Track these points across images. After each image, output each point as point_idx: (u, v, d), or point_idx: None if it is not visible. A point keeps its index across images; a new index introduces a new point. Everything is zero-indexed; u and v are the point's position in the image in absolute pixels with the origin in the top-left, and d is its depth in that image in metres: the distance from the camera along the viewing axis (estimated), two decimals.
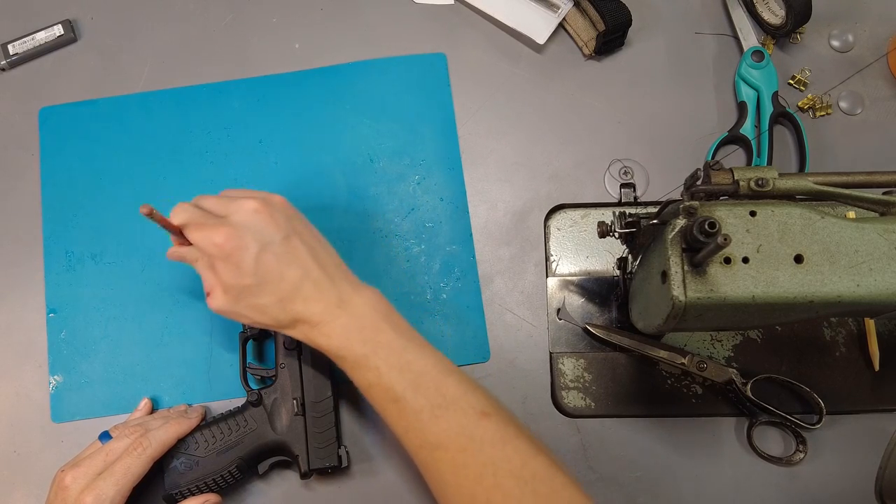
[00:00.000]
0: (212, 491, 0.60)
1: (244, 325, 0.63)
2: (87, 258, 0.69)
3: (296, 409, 0.61)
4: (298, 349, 0.62)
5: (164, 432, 0.59)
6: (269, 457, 0.61)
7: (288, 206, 0.57)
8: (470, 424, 0.51)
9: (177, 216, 0.55)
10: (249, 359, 0.64)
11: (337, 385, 0.63)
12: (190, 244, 0.55)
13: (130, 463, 0.56)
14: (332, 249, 0.57)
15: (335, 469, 0.61)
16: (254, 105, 0.73)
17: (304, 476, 0.60)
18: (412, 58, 0.74)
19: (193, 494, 0.59)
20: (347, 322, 0.54)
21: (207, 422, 0.61)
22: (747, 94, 0.71)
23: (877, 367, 0.64)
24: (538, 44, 0.73)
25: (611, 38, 0.72)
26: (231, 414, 0.61)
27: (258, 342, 0.66)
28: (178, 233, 0.55)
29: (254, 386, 0.62)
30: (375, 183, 0.70)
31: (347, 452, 0.62)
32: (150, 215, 0.52)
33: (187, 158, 0.71)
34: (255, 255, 0.52)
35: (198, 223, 0.54)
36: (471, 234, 0.69)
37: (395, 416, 0.53)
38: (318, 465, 0.60)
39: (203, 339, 0.66)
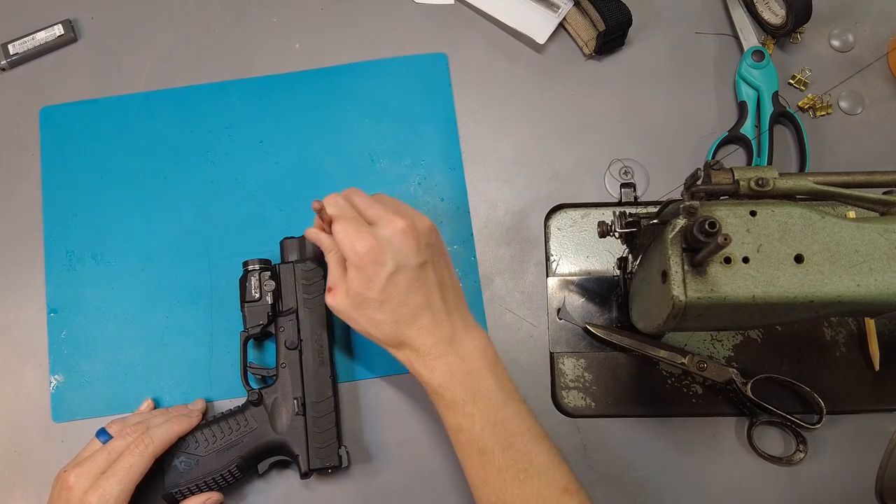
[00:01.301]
0: (212, 490, 0.60)
1: (245, 325, 0.63)
2: (88, 258, 0.69)
3: (296, 409, 0.61)
4: (299, 349, 0.62)
5: (166, 430, 0.59)
6: (270, 456, 0.61)
7: (432, 233, 0.57)
8: (551, 497, 0.51)
9: (330, 207, 0.56)
10: (250, 358, 0.64)
11: (337, 385, 0.63)
12: (330, 232, 0.56)
13: (133, 461, 0.56)
14: (458, 284, 0.58)
15: (335, 469, 0.61)
16: (255, 105, 0.73)
17: (304, 476, 0.60)
18: (413, 58, 0.74)
19: (193, 493, 0.59)
20: (453, 362, 0.54)
21: (208, 421, 0.61)
22: (747, 94, 0.71)
23: (877, 367, 0.64)
24: (538, 44, 0.73)
25: (611, 38, 0.72)
26: (231, 413, 0.61)
27: (259, 342, 0.66)
28: (326, 220, 0.57)
29: (254, 385, 0.62)
30: (377, 183, 0.70)
31: (348, 452, 0.62)
32: (320, 211, 0.55)
33: (188, 158, 0.71)
34: (388, 274, 0.53)
35: (346, 221, 0.55)
36: (471, 234, 0.69)
37: (476, 466, 0.53)
38: (319, 465, 0.60)
39: (204, 339, 0.66)
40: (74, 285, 0.68)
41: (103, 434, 0.59)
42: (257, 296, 0.63)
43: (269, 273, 0.64)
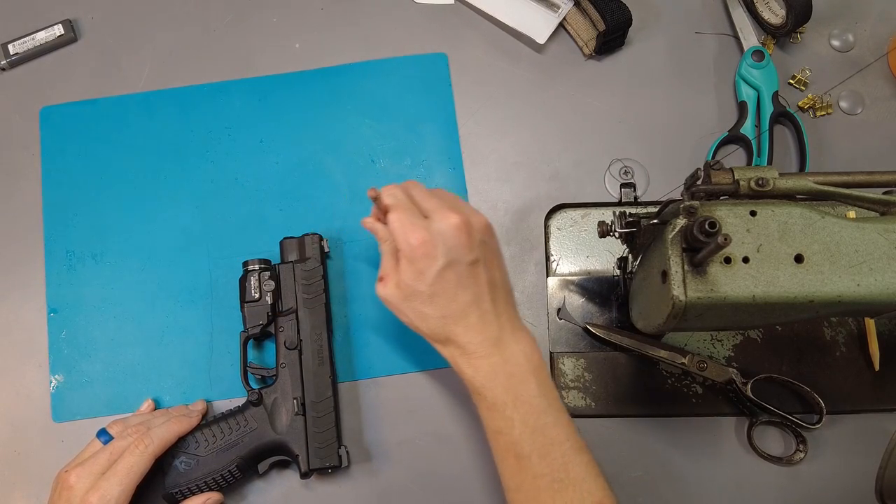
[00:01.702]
0: (212, 490, 0.60)
1: (244, 325, 0.63)
2: (88, 258, 0.69)
3: (296, 409, 0.61)
4: (299, 349, 0.62)
5: (166, 430, 0.59)
6: (270, 456, 0.61)
7: (487, 231, 0.57)
8: None
9: (387, 197, 0.57)
10: (250, 358, 0.64)
11: (337, 385, 0.63)
12: (385, 223, 0.57)
13: (133, 462, 0.56)
14: (509, 286, 0.58)
15: (335, 469, 0.61)
16: (255, 105, 0.73)
17: (304, 476, 0.60)
18: (413, 58, 0.74)
19: (194, 493, 0.59)
20: (498, 363, 0.54)
21: (208, 421, 0.61)
22: (747, 94, 0.71)
23: (877, 367, 0.64)
24: (538, 44, 0.73)
25: (611, 38, 0.72)
26: (231, 413, 0.61)
27: (258, 342, 0.66)
28: (383, 210, 0.57)
29: (254, 385, 0.62)
30: (377, 183, 0.69)
31: (347, 452, 0.62)
32: (376, 199, 0.57)
33: (188, 158, 0.71)
34: (439, 268, 0.53)
35: (401, 212, 0.55)
36: None
37: (512, 470, 0.53)
38: (318, 465, 0.60)
39: (204, 339, 0.66)
40: (74, 285, 0.68)
41: (104, 434, 0.59)
42: (257, 296, 0.63)
43: (268, 273, 0.64)
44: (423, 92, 0.73)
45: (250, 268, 0.64)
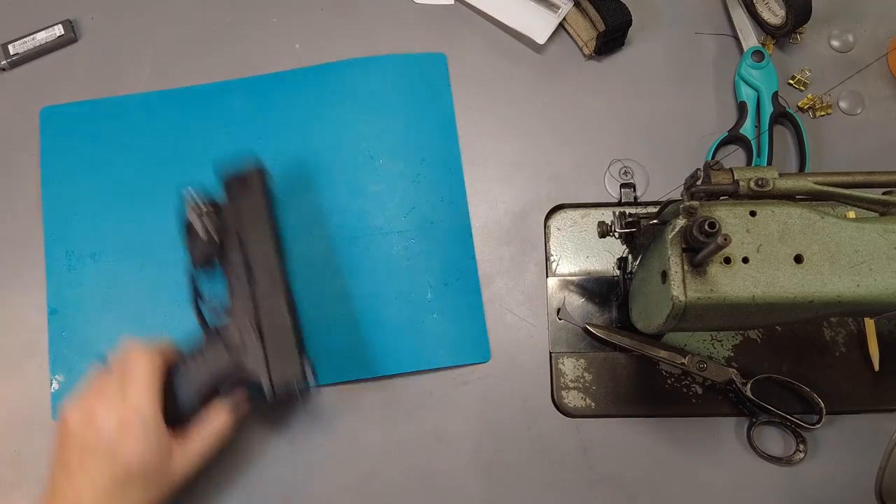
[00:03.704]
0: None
1: (189, 263, 0.62)
2: (88, 258, 0.69)
3: (252, 330, 0.60)
4: (248, 275, 0.61)
5: (152, 344, 0.58)
6: (236, 385, 0.60)
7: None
8: None
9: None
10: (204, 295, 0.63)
11: (294, 303, 0.62)
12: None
13: (144, 364, 0.55)
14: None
15: (303, 391, 0.61)
16: (254, 104, 0.73)
17: (271, 399, 0.59)
18: (412, 56, 0.74)
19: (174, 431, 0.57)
20: None
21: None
22: (747, 94, 0.71)
23: (877, 367, 0.64)
24: (538, 44, 0.73)
25: (611, 38, 0.72)
26: (191, 355, 0.60)
27: (208, 275, 0.65)
28: None
29: (209, 320, 0.62)
30: (376, 181, 0.70)
31: (312, 367, 0.60)
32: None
33: (188, 158, 0.71)
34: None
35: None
36: (470, 234, 0.69)
37: None
38: (281, 381, 0.58)
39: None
40: (74, 285, 0.68)
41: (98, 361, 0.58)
42: (199, 231, 0.62)
43: (210, 206, 0.63)
44: (423, 90, 0.73)
45: (189, 203, 0.63)
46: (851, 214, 0.64)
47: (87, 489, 0.53)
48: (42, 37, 0.74)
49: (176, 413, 0.58)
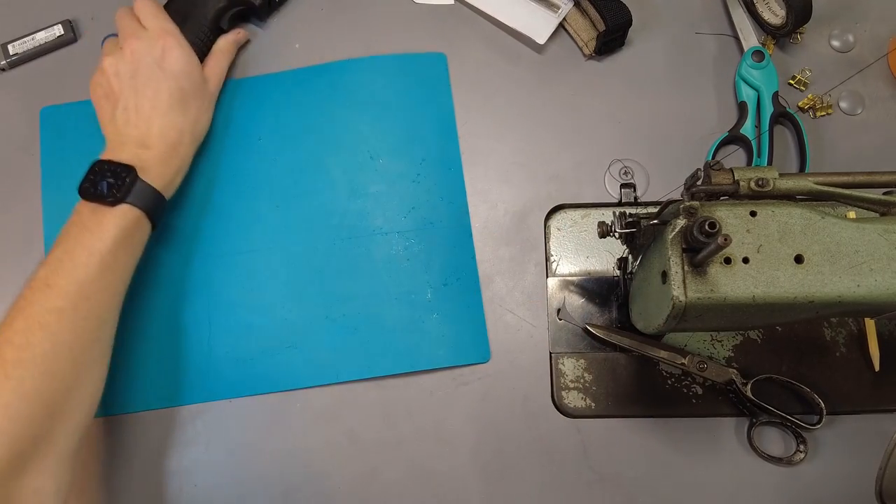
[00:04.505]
0: (199, 59, 0.67)
1: None
2: None
3: None
4: None
5: None
6: (229, 10, 0.70)
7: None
8: None
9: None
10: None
11: None
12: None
13: (154, 9, 0.67)
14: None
15: None
16: (253, 103, 0.72)
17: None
18: (412, 56, 0.74)
19: None
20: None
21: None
22: (747, 94, 0.71)
23: (877, 368, 0.64)
24: (538, 44, 0.73)
25: (611, 38, 0.72)
26: None
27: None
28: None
29: None
30: (376, 181, 0.70)
31: None
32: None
33: None
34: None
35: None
36: (471, 234, 0.69)
37: None
38: None
39: (203, 335, 0.66)
40: None
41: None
42: None
43: None
44: (423, 91, 0.73)
45: None
46: (852, 215, 0.64)
47: (153, 113, 0.62)
48: (42, 37, 0.74)
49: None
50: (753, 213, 0.49)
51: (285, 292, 0.67)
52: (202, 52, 0.70)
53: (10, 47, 0.74)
